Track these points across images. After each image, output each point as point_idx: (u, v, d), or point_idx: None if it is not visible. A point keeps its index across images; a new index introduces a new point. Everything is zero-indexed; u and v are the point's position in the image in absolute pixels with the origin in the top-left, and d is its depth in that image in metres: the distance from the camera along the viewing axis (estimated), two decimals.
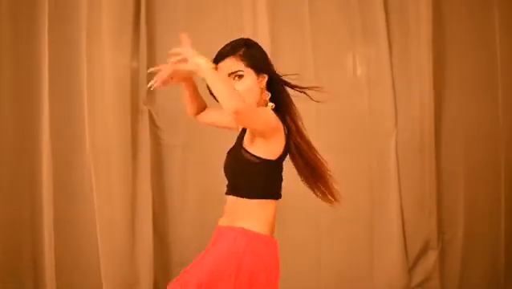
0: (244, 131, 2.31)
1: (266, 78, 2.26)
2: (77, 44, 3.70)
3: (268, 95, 2.28)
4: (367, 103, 3.89)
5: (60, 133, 3.71)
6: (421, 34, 3.85)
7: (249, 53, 2.24)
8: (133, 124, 3.74)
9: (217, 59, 2.26)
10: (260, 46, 2.32)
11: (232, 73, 2.22)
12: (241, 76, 2.22)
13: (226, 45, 2.29)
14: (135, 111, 3.75)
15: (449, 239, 4.02)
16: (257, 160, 2.20)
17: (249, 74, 2.23)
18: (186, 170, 3.84)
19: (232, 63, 2.23)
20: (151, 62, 3.77)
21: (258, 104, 2.27)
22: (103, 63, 3.69)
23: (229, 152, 2.35)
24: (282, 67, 2.40)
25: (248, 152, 2.20)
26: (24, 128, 3.72)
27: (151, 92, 3.78)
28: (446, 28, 3.93)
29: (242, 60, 2.23)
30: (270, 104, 2.27)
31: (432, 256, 3.96)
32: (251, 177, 2.22)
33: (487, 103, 4.00)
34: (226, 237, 2.22)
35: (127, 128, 3.72)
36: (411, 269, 3.96)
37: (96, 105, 3.68)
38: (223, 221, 2.31)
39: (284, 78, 2.32)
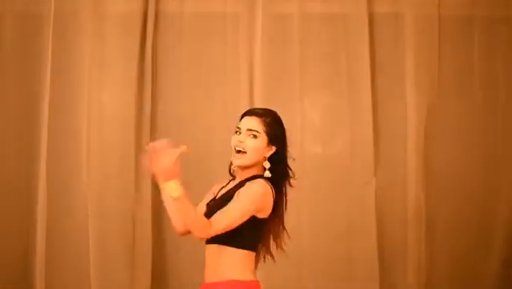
0: (237, 186, 2.51)
1: (273, 150, 2.52)
2: (81, 84, 3.91)
3: (268, 164, 2.51)
4: (349, 150, 4.04)
5: (57, 172, 3.89)
6: (407, 99, 4.07)
7: (272, 124, 2.53)
8: (136, 166, 3.90)
9: (247, 114, 2.56)
10: (282, 123, 2.59)
11: (250, 130, 2.50)
12: (255, 136, 2.49)
13: (259, 108, 2.69)
14: (138, 152, 3.91)
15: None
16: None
17: (263, 139, 2.50)
18: None
19: (255, 122, 2.50)
20: (155, 104, 3.99)
21: (257, 166, 2.51)
22: (107, 102, 3.91)
23: (214, 203, 2.55)
24: None
25: None
26: (22, 165, 3.92)
27: (153, 133, 3.95)
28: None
29: (264, 126, 2.50)
30: (267, 173, 2.50)
31: None
32: (240, 229, 2.42)
33: (468, 151, 4.12)
34: None
35: (130, 168, 3.90)
36: None
37: (98, 145, 3.88)
38: (209, 277, 2.48)
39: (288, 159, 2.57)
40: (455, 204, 4.13)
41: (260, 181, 2.48)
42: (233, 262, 2.46)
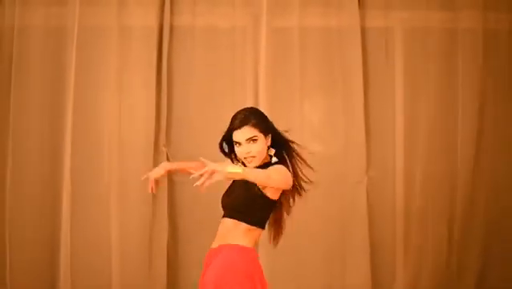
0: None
1: (270, 137, 2.84)
2: (103, 92, 4.10)
3: (272, 151, 2.86)
4: (343, 150, 4.26)
5: (80, 173, 4.07)
6: (396, 99, 4.32)
7: (258, 121, 2.82)
8: (154, 164, 4.03)
9: (235, 127, 2.81)
10: (262, 113, 2.88)
11: (249, 138, 2.79)
12: (255, 140, 2.80)
13: (239, 114, 2.85)
14: (156, 152, 4.13)
15: (415, 276, 4.31)
16: (263, 196, 2.78)
17: (261, 137, 2.82)
18: (194, 205, 4.17)
19: (249, 131, 2.79)
20: (170, 108, 4.17)
21: (264, 158, 2.83)
22: (127, 108, 4.08)
23: (234, 184, 2.86)
24: (277, 120, 3.02)
25: (259, 190, 2.77)
26: (48, 163, 4.10)
27: (168, 135, 4.17)
28: (419, 89, 4.34)
29: (255, 127, 2.80)
30: (274, 159, 2.84)
31: None
32: (254, 208, 2.78)
33: (449, 155, 4.36)
34: (223, 253, 2.76)
35: (148, 167, 4.00)
36: None
37: (118, 148, 4.06)
38: (215, 244, 2.84)
39: (283, 133, 2.88)
40: (440, 200, 4.37)
41: (282, 166, 2.79)
42: (242, 233, 2.80)
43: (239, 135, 2.80)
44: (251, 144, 2.81)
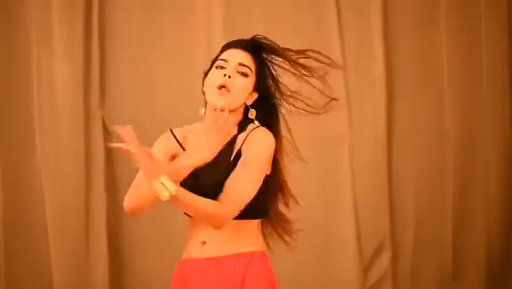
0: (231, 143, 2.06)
1: (254, 98, 2.10)
2: (26, 44, 3.82)
3: (253, 113, 2.08)
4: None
5: (9, 142, 3.83)
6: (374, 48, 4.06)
7: (262, 69, 2.12)
8: (86, 130, 3.85)
9: (231, 45, 2.10)
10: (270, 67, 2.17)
11: (242, 64, 2.06)
12: (246, 75, 2.06)
13: (245, 39, 2.13)
14: (87, 116, 3.86)
15: (400, 240, 4.16)
16: None
17: (251, 82, 2.08)
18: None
19: (245, 57, 2.07)
20: (103, 64, 3.88)
21: (236, 113, 2.09)
22: (54, 66, 3.80)
23: (211, 171, 2.01)
24: None
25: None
26: None
27: (103, 96, 3.89)
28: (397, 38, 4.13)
29: (254, 63, 2.09)
30: (257, 123, 2.08)
31: (385, 257, 4.09)
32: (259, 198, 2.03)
33: (434, 107, 4.19)
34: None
35: (80, 134, 3.83)
36: (366, 269, 4.09)
37: (47, 110, 3.81)
38: (212, 251, 2.04)
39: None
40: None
41: (263, 132, 2.06)
42: (253, 234, 2.08)
43: (233, 53, 2.08)
44: (238, 74, 2.07)
